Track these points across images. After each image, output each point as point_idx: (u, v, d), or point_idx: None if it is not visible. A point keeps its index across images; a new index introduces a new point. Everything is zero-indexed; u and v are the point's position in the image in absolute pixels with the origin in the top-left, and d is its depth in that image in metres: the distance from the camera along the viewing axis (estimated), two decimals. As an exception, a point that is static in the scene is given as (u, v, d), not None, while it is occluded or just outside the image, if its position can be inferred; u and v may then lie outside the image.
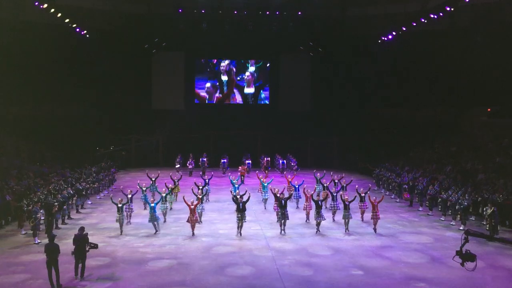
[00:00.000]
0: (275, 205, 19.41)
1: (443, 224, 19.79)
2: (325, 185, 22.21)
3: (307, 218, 19.63)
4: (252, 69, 42.49)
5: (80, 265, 13.07)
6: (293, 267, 14.20)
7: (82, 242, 13.07)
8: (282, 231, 17.82)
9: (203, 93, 42.34)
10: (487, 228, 17.61)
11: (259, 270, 13.91)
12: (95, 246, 13.38)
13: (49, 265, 12.39)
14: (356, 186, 21.83)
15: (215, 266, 14.25)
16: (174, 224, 19.13)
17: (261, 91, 42.73)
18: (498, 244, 16.15)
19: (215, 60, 42.20)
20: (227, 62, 42.19)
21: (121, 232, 17.65)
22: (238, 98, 42.63)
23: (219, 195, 25.23)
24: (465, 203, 19.06)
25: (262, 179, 23.37)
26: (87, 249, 13.14)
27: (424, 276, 13.57)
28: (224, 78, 42.28)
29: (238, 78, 42.44)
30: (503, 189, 20.80)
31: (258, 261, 14.76)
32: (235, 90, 42.51)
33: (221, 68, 42.26)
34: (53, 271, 12.44)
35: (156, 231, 17.71)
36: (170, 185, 21.83)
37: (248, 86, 42.50)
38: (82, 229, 13.50)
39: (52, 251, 12.51)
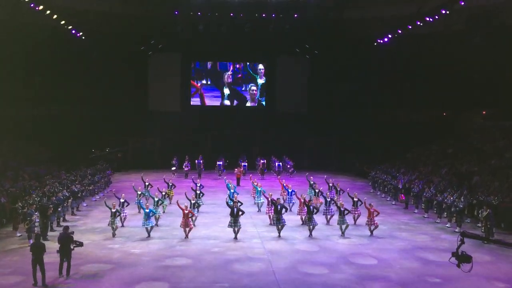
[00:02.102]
0: (267, 208, 19.42)
1: (438, 226, 19.84)
2: (317, 190, 22.20)
3: (302, 221, 19.62)
4: (260, 81, 42.24)
5: (65, 263, 13.18)
6: (288, 270, 14.19)
7: (66, 241, 13.15)
8: (279, 235, 17.80)
9: (213, 102, 42.09)
10: (483, 231, 17.69)
11: (255, 273, 13.89)
12: (80, 244, 13.39)
13: (35, 264, 12.52)
14: (348, 189, 21.82)
15: (211, 269, 14.22)
16: (170, 228, 19.03)
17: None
18: (493, 246, 16.20)
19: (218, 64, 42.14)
20: (230, 73, 41.97)
21: (114, 235, 17.59)
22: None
23: (215, 198, 25.15)
24: (461, 206, 19.11)
25: (255, 184, 23.26)
26: (72, 247, 13.19)
27: (421, 278, 13.59)
28: (226, 91, 42.09)
29: (242, 89, 42.29)
30: (498, 192, 20.88)
31: (253, 263, 14.74)
32: (235, 102, 42.32)
33: (225, 78, 42.01)
34: (38, 270, 12.55)
35: (148, 235, 17.61)
36: (164, 189, 21.77)
37: (252, 101, 42.36)
38: (66, 228, 13.68)
39: (37, 249, 12.62)
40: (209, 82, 42.12)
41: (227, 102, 42.05)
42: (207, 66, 42.33)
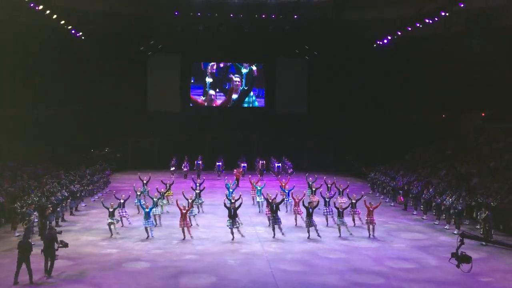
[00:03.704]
0: (267, 209, 19.33)
1: (437, 228, 19.82)
2: (314, 189, 22.20)
3: (296, 222, 19.63)
4: (245, 71, 42.28)
5: (49, 263, 13.26)
6: (287, 271, 14.18)
7: (51, 241, 13.25)
8: (274, 236, 17.80)
9: (201, 99, 42.21)
10: (481, 232, 17.69)
11: (254, 274, 13.89)
12: (65, 245, 13.45)
13: (20, 262, 12.66)
14: (347, 191, 21.87)
15: (210, 269, 14.21)
16: (168, 228, 19.00)
17: (246, 97, 42.57)
18: (492, 249, 16.23)
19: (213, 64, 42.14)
20: (213, 64, 41.95)
21: (111, 235, 17.55)
22: (219, 102, 42.40)
23: (214, 198, 25.15)
24: (460, 207, 19.09)
25: (255, 183, 23.26)
26: (56, 247, 13.27)
27: (418, 279, 13.59)
28: (209, 80, 42.04)
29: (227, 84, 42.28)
30: (497, 193, 20.86)
31: (252, 264, 14.73)
32: (218, 94, 42.21)
33: (208, 69, 42.01)
34: (24, 268, 12.71)
35: (148, 236, 17.53)
36: (162, 190, 21.74)
37: (235, 92, 42.32)
38: (51, 228, 14.01)
39: (24, 248, 12.75)
40: (192, 81, 42.18)
41: (211, 92, 42.04)
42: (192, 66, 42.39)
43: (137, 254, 15.60)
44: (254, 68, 42.40)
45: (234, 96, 42.48)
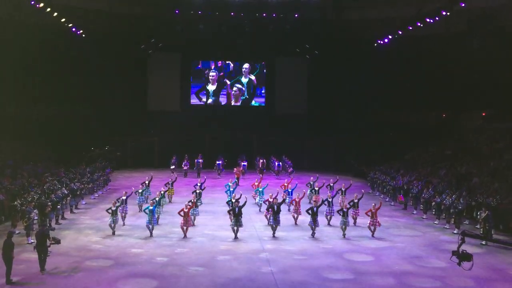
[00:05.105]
0: (266, 211, 19.28)
1: (437, 228, 19.82)
2: (317, 188, 22.21)
3: (295, 221, 19.67)
4: (245, 80, 42.20)
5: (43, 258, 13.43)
6: (287, 270, 14.16)
7: (42, 238, 13.38)
8: (273, 235, 17.81)
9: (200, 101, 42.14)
10: (481, 232, 17.67)
11: (253, 273, 13.86)
12: (57, 241, 13.55)
13: (4, 260, 12.79)
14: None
15: (209, 268, 14.20)
16: (168, 226, 18.99)
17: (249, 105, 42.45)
18: (491, 248, 16.26)
19: (212, 63, 41.99)
20: (214, 73, 41.65)
21: (113, 232, 17.55)
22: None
23: (214, 197, 25.13)
24: (459, 207, 19.09)
25: (256, 184, 23.24)
26: (48, 244, 13.39)
27: (418, 279, 13.59)
28: (211, 88, 41.72)
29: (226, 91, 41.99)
30: (497, 193, 20.86)
31: (252, 264, 14.70)
32: (220, 100, 42.08)
33: (210, 77, 41.78)
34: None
35: (151, 234, 17.52)
36: (163, 188, 21.72)
37: (236, 101, 42.26)
38: (43, 225, 14.30)
39: (7, 247, 12.85)
40: (190, 80, 42.11)
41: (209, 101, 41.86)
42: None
43: (137, 252, 15.56)
44: (253, 77, 42.16)
45: (236, 104, 42.07)
